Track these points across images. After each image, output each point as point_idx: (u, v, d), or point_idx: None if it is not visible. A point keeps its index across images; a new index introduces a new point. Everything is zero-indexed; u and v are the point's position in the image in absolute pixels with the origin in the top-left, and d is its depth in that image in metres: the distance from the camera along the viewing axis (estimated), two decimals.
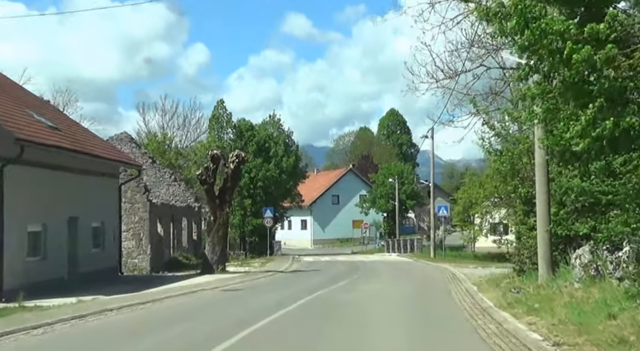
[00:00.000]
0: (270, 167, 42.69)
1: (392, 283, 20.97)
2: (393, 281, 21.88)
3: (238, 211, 42.47)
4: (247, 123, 43.82)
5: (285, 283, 21.04)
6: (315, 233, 74.64)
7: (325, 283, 20.13)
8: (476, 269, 26.08)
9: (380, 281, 21.52)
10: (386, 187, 61.08)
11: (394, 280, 22.60)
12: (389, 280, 22.68)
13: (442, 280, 21.63)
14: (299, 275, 25.25)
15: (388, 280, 22.70)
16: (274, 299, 15.03)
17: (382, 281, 21.56)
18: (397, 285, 20.25)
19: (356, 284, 20.33)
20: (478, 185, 45.63)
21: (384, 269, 28.53)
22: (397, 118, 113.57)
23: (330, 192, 76.23)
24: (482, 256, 47.92)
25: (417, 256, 38.29)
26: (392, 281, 21.89)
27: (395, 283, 20.70)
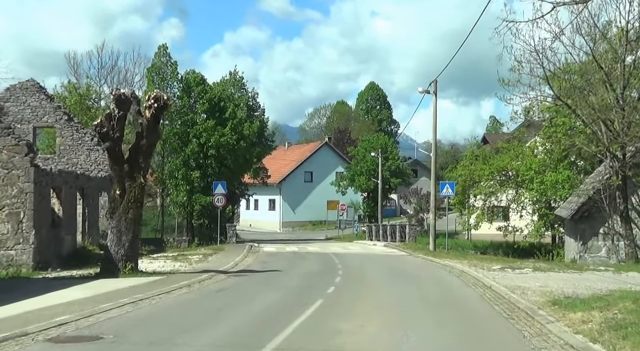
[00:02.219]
0: (226, 132, 33.70)
1: (404, 315, 10.96)
2: (402, 311, 11.62)
3: (183, 186, 33.47)
4: (197, 77, 34.78)
5: (204, 312, 11.72)
6: (285, 214, 65.91)
7: (278, 311, 11.33)
8: (511, 273, 17.63)
9: (380, 310, 11.69)
10: (367, 162, 52.48)
11: (402, 303, 12.63)
12: (394, 303, 12.65)
13: (491, 311, 11.30)
14: (242, 284, 16.13)
15: (391, 304, 12.62)
16: None
17: (383, 310, 11.69)
18: (416, 322, 10.35)
19: (337, 318, 10.61)
20: (482, 160, 37.22)
21: (374, 272, 19.85)
22: (378, 93, 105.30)
23: (302, 168, 67.38)
24: (483, 246, 39.70)
25: (410, 248, 29.82)
26: (401, 310, 11.68)
27: (412, 317, 10.74)
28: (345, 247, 33.08)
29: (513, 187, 35.96)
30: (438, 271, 19.67)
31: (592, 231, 23.49)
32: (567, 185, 31.65)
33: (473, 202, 37.81)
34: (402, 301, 12.62)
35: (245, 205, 72.37)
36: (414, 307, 11.76)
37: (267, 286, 15.02)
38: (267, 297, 13.06)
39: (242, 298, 12.92)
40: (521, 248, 34.92)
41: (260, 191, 65.63)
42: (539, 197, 33.09)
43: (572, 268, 19.77)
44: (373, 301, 12.57)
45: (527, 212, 37.24)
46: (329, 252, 28.77)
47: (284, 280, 16.73)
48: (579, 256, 23.73)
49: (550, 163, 33.09)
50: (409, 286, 15.14)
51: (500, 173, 36.04)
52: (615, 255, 23.05)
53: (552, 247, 34.60)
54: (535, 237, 33.95)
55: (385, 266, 21.68)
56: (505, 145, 37.45)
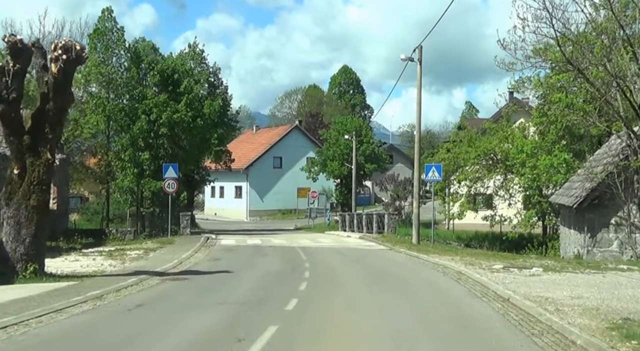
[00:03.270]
0: (180, 108, 29.48)
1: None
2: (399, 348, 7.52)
3: (130, 169, 29.20)
4: (148, 45, 30.46)
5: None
6: (252, 202, 61.83)
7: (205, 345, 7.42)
8: (520, 275, 14.01)
9: (363, 347, 7.65)
10: (340, 146, 48.61)
11: (396, 331, 8.30)
12: (383, 332, 8.33)
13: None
14: (172, 295, 11.84)
15: (380, 333, 8.31)
16: None
17: (369, 348, 7.64)
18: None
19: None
20: (467, 142, 33.67)
21: (350, 274, 15.94)
22: (351, 76, 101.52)
23: (271, 153, 63.27)
24: (467, 237, 36.28)
25: (389, 240, 26.02)
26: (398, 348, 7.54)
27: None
28: (315, 239, 29.23)
29: (501, 172, 32.53)
30: (429, 271, 15.92)
31: (602, 221, 20.04)
32: (564, 169, 28.27)
33: (456, 188, 34.34)
34: (395, 326, 8.69)
35: (210, 192, 68.18)
36: (416, 340, 7.86)
37: (204, 299, 11.06)
38: (196, 320, 9.07)
39: (160, 323, 8.94)
40: (509, 240, 31.58)
41: (226, 177, 61.45)
42: (530, 183, 29.69)
43: (586, 267, 16.32)
44: (352, 328, 8.63)
45: (517, 199, 33.92)
46: (296, 245, 24.91)
47: (232, 287, 12.78)
48: (586, 250, 20.26)
49: (544, 145, 29.67)
50: (398, 298, 11.32)
51: (487, 156, 32.57)
52: (630, 249, 19.64)
53: (544, 239, 31.31)
54: (525, 227, 30.59)
55: (362, 265, 17.87)
56: (492, 125, 33.96)
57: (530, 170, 29.21)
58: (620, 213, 19.80)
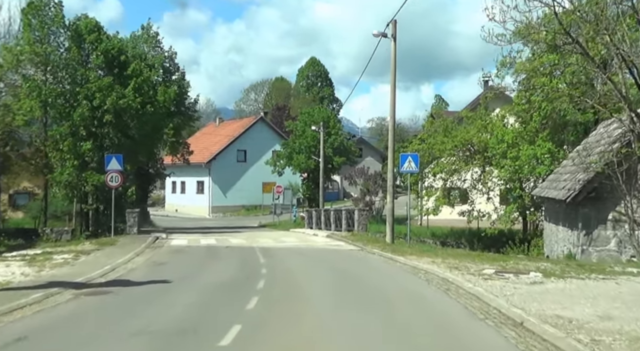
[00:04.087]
0: (127, 93, 26.37)
1: None
2: None
3: (70, 161, 26.00)
4: (90, 23, 27.23)
5: None
6: (215, 198, 58.68)
7: None
8: (521, 284, 11.54)
9: None
10: (307, 138, 45.86)
11: None
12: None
13: None
14: (77, 321, 8.31)
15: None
16: None
17: None
18: None
19: None
20: (442, 131, 31.27)
21: (315, 283, 13.09)
22: (319, 69, 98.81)
23: (234, 145, 60.13)
24: (442, 234, 33.93)
25: (360, 239, 23.35)
26: None
27: None
28: (278, 238, 26.44)
29: (479, 164, 30.21)
30: (409, 279, 13.31)
31: (599, 217, 17.74)
32: (548, 160, 26.07)
33: (431, 181, 31.94)
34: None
35: (171, 188, 64.89)
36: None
37: (118, 326, 8.24)
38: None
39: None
40: (488, 237, 29.29)
41: (187, 172, 58.25)
42: (511, 175, 27.41)
43: (589, 270, 14.00)
44: None
45: (496, 193, 31.68)
46: (256, 245, 22.12)
47: (162, 305, 9.99)
48: (580, 249, 17.95)
49: (526, 135, 27.42)
50: (376, 321, 8.65)
51: (465, 147, 30.23)
52: (630, 247, 17.38)
53: (525, 236, 29.11)
54: (505, 223, 28.33)
55: (330, 270, 15.14)
56: (469, 114, 31.62)
57: (511, 161, 26.94)
58: (618, 207, 17.54)
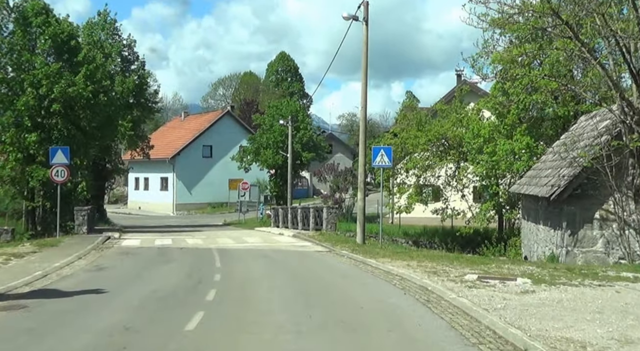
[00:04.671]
0: (77, 81, 24.28)
1: None
2: None
3: (12, 153, 23.81)
4: (38, 5, 25.03)
5: None
6: (179, 195, 56.52)
7: None
8: (509, 293, 10.03)
9: None
10: (275, 132, 44.07)
11: None
12: None
13: None
14: None
15: None
16: None
17: None
18: None
19: None
20: (416, 125, 29.81)
21: (275, 294, 11.28)
22: (289, 64, 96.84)
23: (200, 141, 58.00)
24: (415, 233, 32.51)
25: (328, 239, 21.66)
26: None
27: None
28: (239, 238, 24.62)
29: (454, 160, 28.86)
30: (383, 288, 11.65)
31: (585, 215, 16.38)
32: (526, 155, 24.77)
33: (404, 177, 30.48)
34: None
35: (134, 185, 62.50)
36: None
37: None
38: None
39: None
40: (463, 236, 27.95)
41: (150, 167, 56.14)
42: (488, 171, 26.07)
43: (581, 275, 12.65)
44: None
45: (470, 190, 30.40)
46: (215, 246, 20.32)
47: (79, 327, 8.14)
48: (564, 251, 16.59)
49: (503, 129, 26.09)
50: (347, 347, 6.99)
51: (439, 141, 28.83)
52: (618, 249, 16.07)
53: (501, 235, 27.84)
54: (481, 222, 27.01)
55: (294, 277, 13.39)
56: (444, 107, 30.23)
57: (487, 156, 25.59)
58: (605, 205, 16.21)
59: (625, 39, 14.12)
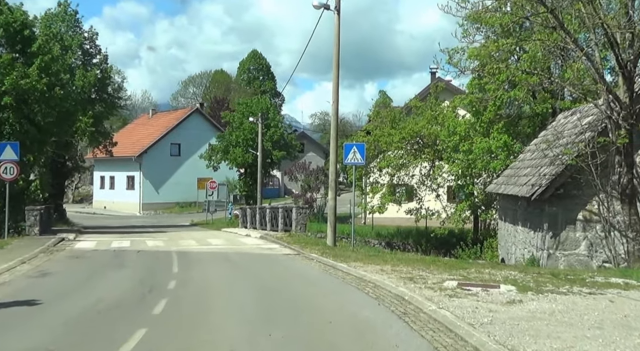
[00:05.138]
0: (31, 73, 22.73)
1: None
2: None
3: None
4: None
5: None
6: (146, 195, 54.79)
7: None
8: (496, 304, 8.98)
9: None
10: (244, 130, 42.77)
11: None
12: None
13: None
14: None
15: None
16: None
17: None
18: None
19: None
20: (390, 122, 28.82)
21: (234, 304, 10.19)
22: (261, 62, 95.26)
23: (168, 139, 56.36)
24: (388, 234, 31.53)
25: (297, 241, 20.48)
26: None
27: None
28: (204, 240, 23.31)
29: (429, 158, 27.92)
30: (354, 297, 10.50)
31: (567, 216, 15.51)
32: (503, 154, 23.92)
33: (377, 177, 29.45)
34: None
35: (99, 183, 60.58)
36: None
37: None
38: None
39: None
40: (437, 237, 27.07)
41: (116, 166, 54.42)
42: (464, 170, 25.19)
43: (567, 281, 11.76)
44: None
45: (445, 190, 29.51)
46: (176, 248, 19.02)
47: None
48: (546, 253, 15.70)
49: (479, 127, 25.22)
50: None
51: (413, 139, 27.87)
52: (608, 251, 15.22)
53: (476, 236, 27.00)
54: (457, 223, 26.10)
55: (257, 284, 12.13)
56: (419, 103, 29.27)
57: (463, 155, 24.70)
58: (589, 206, 15.36)
59: (614, 28, 13.24)
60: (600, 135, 14.61)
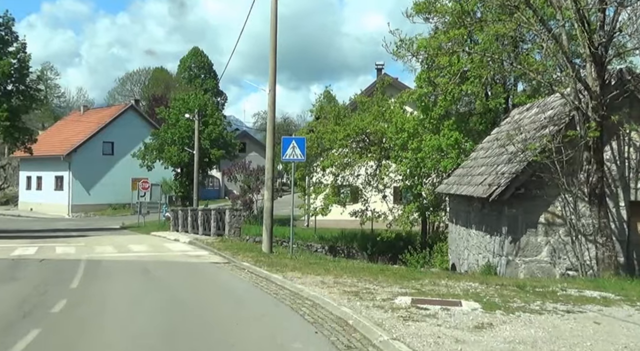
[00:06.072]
0: None
1: None
2: None
3: None
4: None
5: None
6: (76, 196, 51.22)
7: None
8: (457, 329, 7.09)
9: None
10: (180, 128, 40.16)
11: None
12: None
13: None
14: None
15: None
16: None
17: None
18: None
19: None
20: (334, 119, 26.94)
21: (131, 334, 7.95)
22: (202, 60, 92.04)
23: (100, 136, 52.91)
24: (332, 237, 29.65)
25: (229, 246, 18.28)
26: None
27: None
28: (125, 245, 20.78)
29: (376, 157, 26.18)
30: (288, 323, 8.41)
31: (528, 219, 13.93)
32: (454, 152, 22.38)
33: (320, 176, 27.52)
34: None
35: (25, 184, 56.58)
36: None
37: None
38: None
39: None
40: (384, 241, 25.37)
41: (44, 165, 50.78)
42: (412, 170, 23.56)
43: (538, 295, 10.29)
44: None
45: (392, 191, 27.85)
46: (87, 256, 16.54)
47: None
48: (505, 260, 14.09)
49: (428, 123, 23.63)
50: None
51: (359, 137, 26.08)
52: (568, 257, 13.70)
53: (426, 240, 25.45)
54: (404, 225, 24.43)
55: (167, 305, 9.80)
56: (365, 99, 27.50)
57: (412, 153, 23.06)
58: (551, 207, 13.83)
59: (584, 6, 11.70)
60: (568, 128, 13.10)
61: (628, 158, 13.80)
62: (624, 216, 13.81)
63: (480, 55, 19.96)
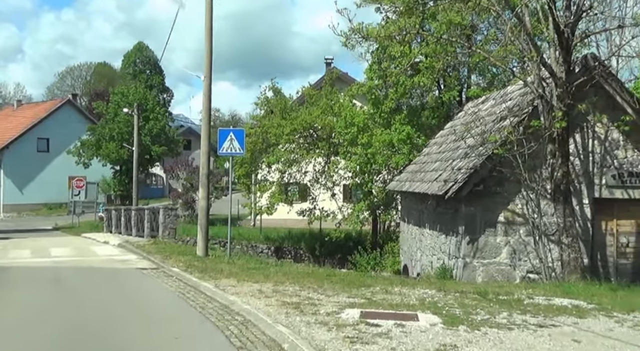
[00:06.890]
0: None
1: None
2: None
3: None
4: None
5: None
6: (8, 195, 48.06)
7: None
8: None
9: None
10: (119, 123, 37.91)
11: None
12: None
13: None
14: None
15: None
16: None
17: None
18: None
19: None
20: (280, 113, 25.45)
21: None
22: (147, 55, 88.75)
23: (34, 133, 49.79)
24: (278, 238, 28.15)
25: (161, 249, 16.51)
26: None
27: None
28: (45, 249, 18.72)
29: (323, 153, 24.84)
30: (209, 346, 6.94)
31: (487, 218, 12.83)
32: (406, 147, 21.23)
33: (265, 173, 25.99)
34: None
35: None
36: None
37: None
38: None
39: None
40: (333, 241, 24.09)
41: None
42: (362, 166, 22.31)
43: (503, 304, 9.17)
44: None
45: (341, 189, 26.59)
46: (3, 262, 14.60)
47: None
48: (462, 262, 12.95)
49: (379, 117, 22.42)
50: None
51: (307, 131, 24.69)
52: (529, 259, 12.64)
53: (377, 240, 24.27)
54: (354, 224, 23.16)
55: (69, 328, 8.03)
56: (313, 92, 26.10)
57: (362, 148, 21.81)
58: (511, 205, 12.76)
59: None
60: (530, 118, 12.01)
61: (592, 152, 12.86)
62: (587, 214, 12.87)
63: (434, 41, 18.85)
